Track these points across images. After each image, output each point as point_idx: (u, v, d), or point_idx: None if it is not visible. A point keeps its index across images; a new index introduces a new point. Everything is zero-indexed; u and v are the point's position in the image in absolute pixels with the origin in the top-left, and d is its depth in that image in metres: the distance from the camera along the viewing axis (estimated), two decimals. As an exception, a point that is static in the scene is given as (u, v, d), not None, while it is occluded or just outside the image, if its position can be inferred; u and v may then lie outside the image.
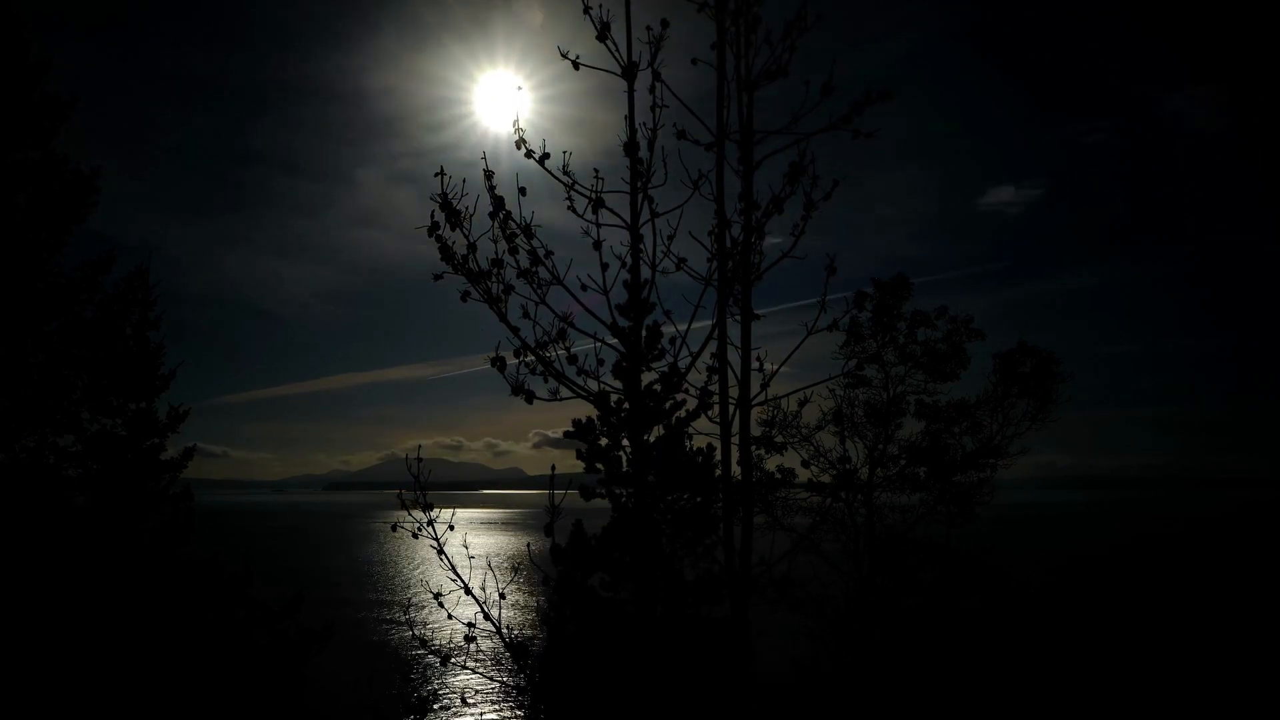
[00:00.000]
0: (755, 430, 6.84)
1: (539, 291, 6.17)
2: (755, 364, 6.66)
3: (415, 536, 6.25)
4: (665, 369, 6.55)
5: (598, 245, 6.20)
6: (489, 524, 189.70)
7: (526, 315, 6.15)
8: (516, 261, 6.14)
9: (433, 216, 5.96)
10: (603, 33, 6.00)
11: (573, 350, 6.23)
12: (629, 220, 6.32)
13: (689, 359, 6.52)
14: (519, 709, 28.25)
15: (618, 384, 6.46)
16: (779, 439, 21.20)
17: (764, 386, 6.67)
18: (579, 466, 6.88)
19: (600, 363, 6.34)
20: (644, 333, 6.41)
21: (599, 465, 6.76)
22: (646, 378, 6.52)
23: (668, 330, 6.54)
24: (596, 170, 6.11)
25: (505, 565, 6.79)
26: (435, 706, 31.78)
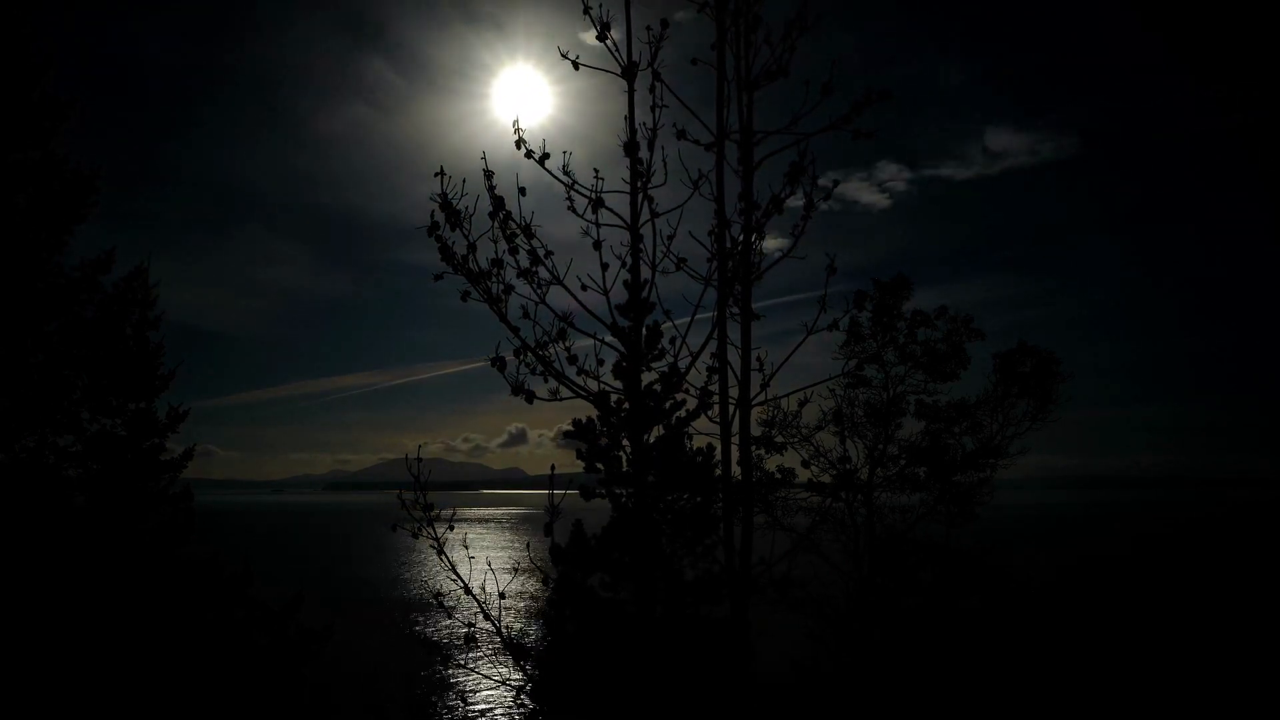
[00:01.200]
0: (755, 430, 6.84)
1: (539, 291, 6.18)
2: (755, 364, 6.67)
3: (415, 537, 6.25)
4: (665, 369, 6.55)
5: (598, 245, 6.20)
6: (489, 524, 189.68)
7: (526, 315, 6.16)
8: (516, 261, 6.14)
9: (433, 216, 5.97)
10: (603, 33, 6.00)
11: (573, 350, 6.23)
12: (629, 220, 6.32)
13: (689, 359, 6.52)
14: (519, 709, 28.24)
15: (618, 384, 6.46)
16: (779, 439, 21.18)
17: (764, 386, 6.68)
18: (579, 466, 6.88)
19: (600, 363, 6.34)
20: (644, 333, 6.41)
21: (599, 465, 6.75)
22: (646, 378, 6.52)
23: (668, 330, 6.54)
24: (596, 170, 6.12)
25: (505, 565, 6.74)
26: (435, 706, 31.79)
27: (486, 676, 7.59)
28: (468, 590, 6.39)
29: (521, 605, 48.71)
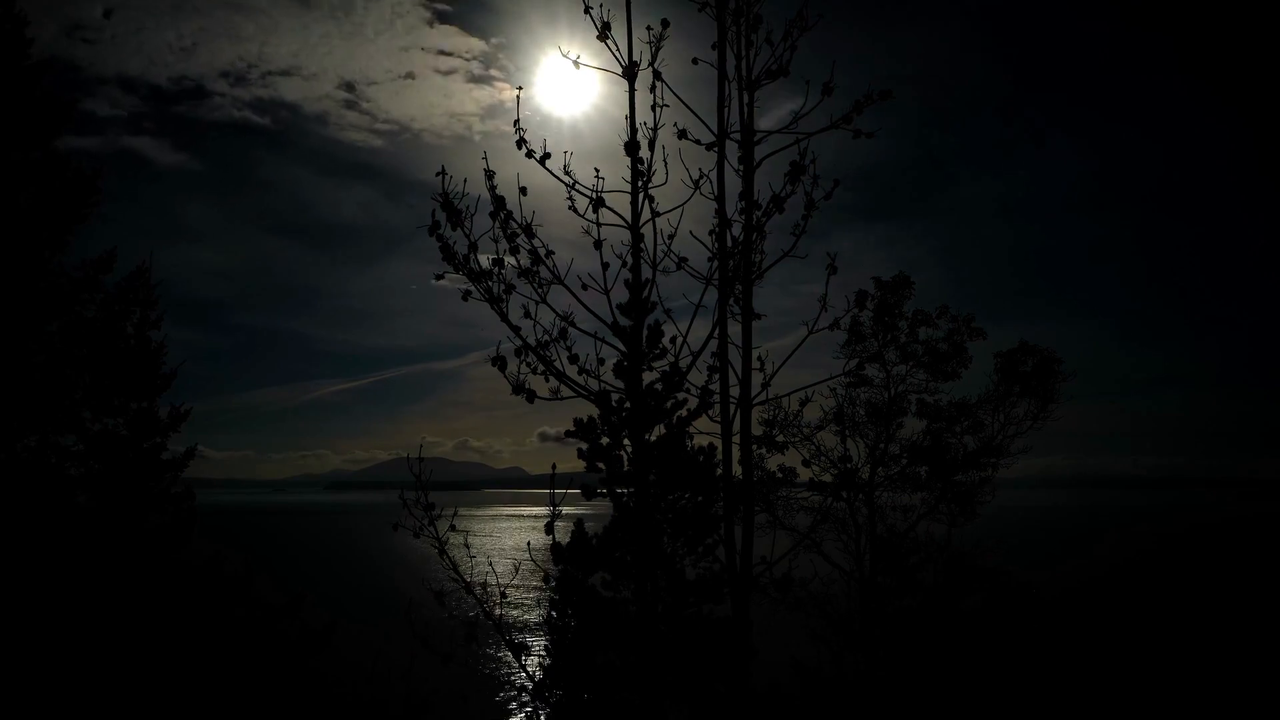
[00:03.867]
0: (756, 429, 6.85)
1: (540, 291, 6.18)
2: (756, 363, 6.67)
3: (416, 536, 6.25)
4: (666, 368, 6.56)
5: (599, 245, 6.20)
6: (490, 523, 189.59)
7: (527, 315, 6.16)
8: (517, 261, 6.15)
9: (434, 216, 5.97)
10: (603, 33, 6.00)
11: (574, 349, 6.24)
12: (630, 220, 6.32)
13: (690, 358, 6.52)
14: (520, 708, 28.24)
15: (619, 383, 6.46)
16: (780, 438, 21.11)
17: (765, 386, 6.68)
18: (580, 466, 6.88)
19: (601, 362, 6.34)
20: (645, 332, 6.42)
21: (600, 464, 6.75)
22: (647, 377, 6.52)
23: (668, 329, 6.54)
24: (597, 170, 6.12)
25: (506, 565, 6.77)
26: (435, 706, 31.77)
27: (488, 675, 7.60)
28: (469, 589, 6.40)
29: (522, 604, 48.69)
